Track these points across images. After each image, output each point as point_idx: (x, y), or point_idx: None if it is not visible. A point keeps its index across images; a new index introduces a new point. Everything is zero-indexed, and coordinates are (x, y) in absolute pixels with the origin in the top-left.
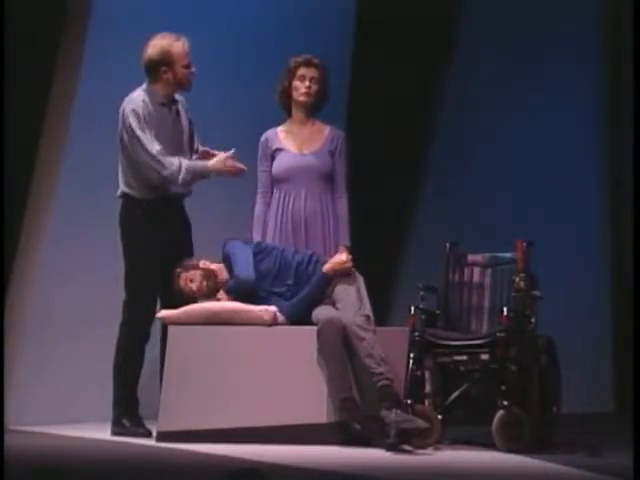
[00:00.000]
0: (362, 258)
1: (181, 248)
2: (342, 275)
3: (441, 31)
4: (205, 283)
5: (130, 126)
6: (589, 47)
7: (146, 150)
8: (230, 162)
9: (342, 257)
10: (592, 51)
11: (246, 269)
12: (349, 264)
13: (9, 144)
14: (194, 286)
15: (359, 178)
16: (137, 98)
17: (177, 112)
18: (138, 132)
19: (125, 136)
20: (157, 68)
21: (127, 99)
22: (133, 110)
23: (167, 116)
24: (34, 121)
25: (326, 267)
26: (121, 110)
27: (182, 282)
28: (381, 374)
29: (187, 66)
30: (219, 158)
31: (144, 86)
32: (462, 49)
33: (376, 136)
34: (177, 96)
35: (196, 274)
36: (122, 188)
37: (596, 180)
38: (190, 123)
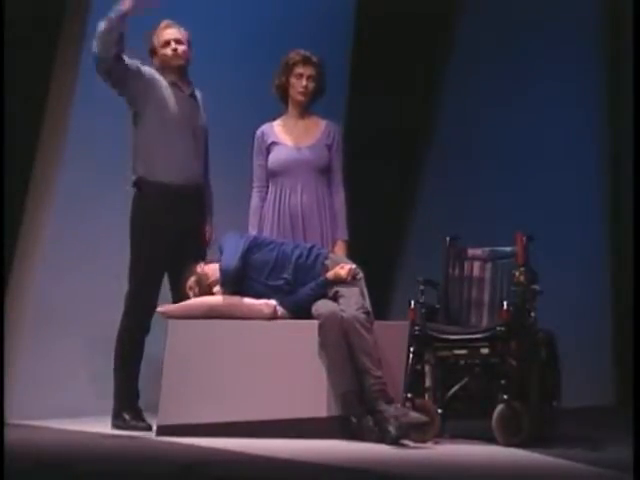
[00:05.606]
0: (362, 252)
1: (190, 241)
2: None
3: (441, 29)
4: (197, 289)
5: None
6: (589, 46)
7: None
8: None
9: (343, 273)
10: (592, 50)
11: (230, 258)
12: (350, 278)
13: (9, 140)
14: (191, 294)
15: (359, 173)
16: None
17: (193, 104)
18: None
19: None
20: (151, 58)
21: None
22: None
23: (177, 95)
24: (34, 115)
25: (329, 275)
26: None
27: (185, 289)
28: (379, 377)
29: (164, 45)
30: None
31: None
32: (463, 46)
33: (376, 132)
34: (197, 92)
35: (192, 281)
36: (134, 174)
37: (596, 178)
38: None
